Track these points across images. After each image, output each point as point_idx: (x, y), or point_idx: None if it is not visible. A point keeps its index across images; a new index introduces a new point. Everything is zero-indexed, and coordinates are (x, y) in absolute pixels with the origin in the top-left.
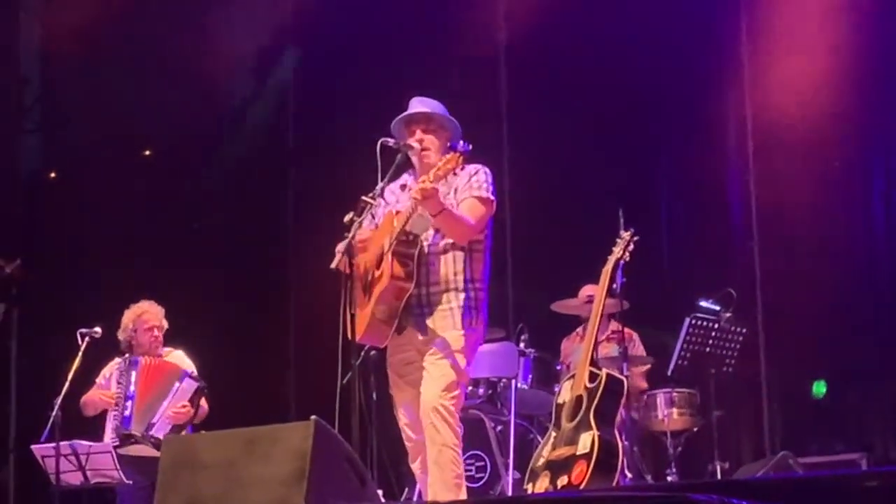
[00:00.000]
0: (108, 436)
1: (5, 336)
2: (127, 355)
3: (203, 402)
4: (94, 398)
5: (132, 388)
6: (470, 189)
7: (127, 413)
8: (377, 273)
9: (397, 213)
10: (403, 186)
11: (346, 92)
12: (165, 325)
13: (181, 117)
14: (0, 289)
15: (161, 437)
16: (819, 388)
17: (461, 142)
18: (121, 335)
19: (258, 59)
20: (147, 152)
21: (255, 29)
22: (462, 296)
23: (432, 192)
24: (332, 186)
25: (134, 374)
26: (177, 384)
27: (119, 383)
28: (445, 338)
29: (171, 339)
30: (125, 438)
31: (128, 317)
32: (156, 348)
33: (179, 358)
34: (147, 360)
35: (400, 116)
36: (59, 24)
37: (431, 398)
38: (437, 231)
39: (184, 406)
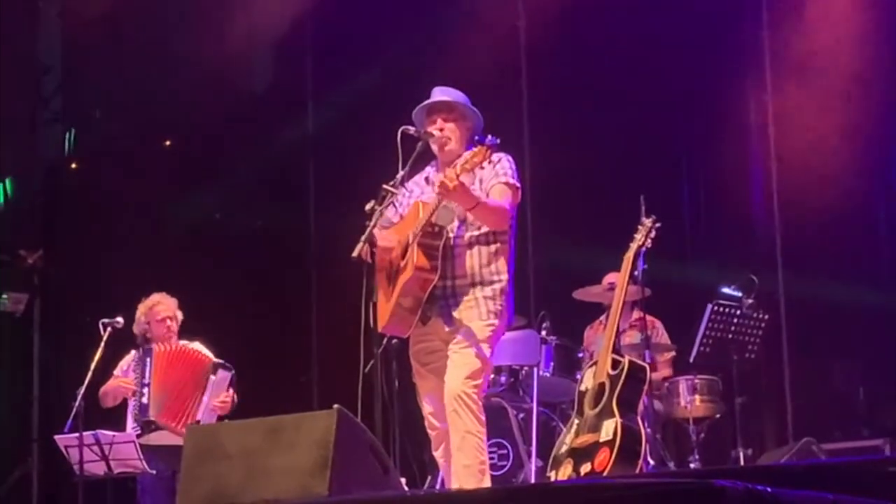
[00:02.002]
0: (130, 426)
1: (28, 326)
2: (142, 346)
3: (232, 392)
4: (112, 386)
5: (148, 376)
6: (496, 176)
7: (144, 401)
8: (402, 264)
9: (423, 204)
10: (427, 179)
11: (365, 81)
12: (180, 316)
13: (201, 107)
14: (22, 279)
15: None
16: None
17: (489, 136)
18: (135, 329)
19: (277, 47)
20: (167, 142)
21: (274, 17)
22: (488, 288)
23: (461, 188)
24: (352, 175)
25: (149, 361)
26: (212, 377)
27: (135, 372)
28: (471, 327)
29: (191, 328)
30: (145, 426)
31: (140, 310)
32: (170, 339)
33: (197, 348)
34: (161, 346)
35: (421, 105)
36: (80, 12)
37: (455, 386)
38: (461, 223)
39: (226, 396)
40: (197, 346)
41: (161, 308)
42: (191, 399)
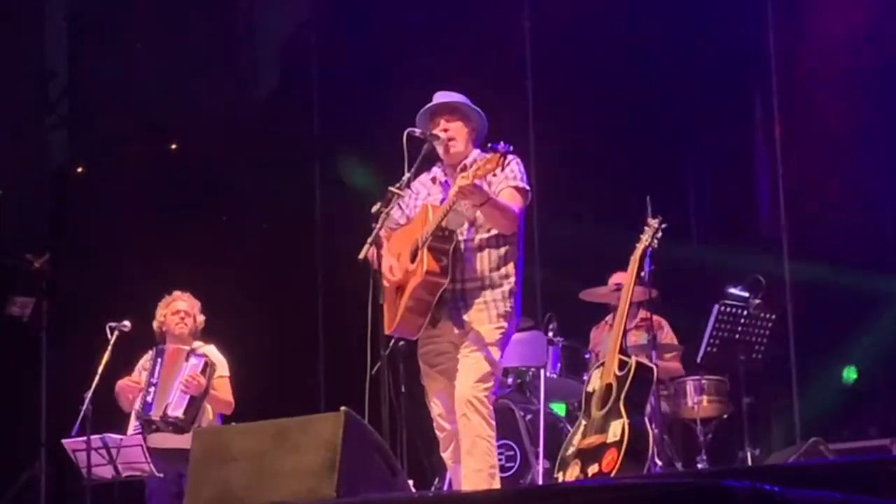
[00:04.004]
0: (132, 424)
1: (35, 330)
2: (158, 346)
3: (227, 394)
4: (123, 385)
5: (157, 375)
6: (506, 180)
7: (149, 399)
8: (411, 267)
9: (433, 207)
10: (434, 179)
11: (371, 83)
12: (200, 317)
13: (208, 110)
14: (29, 283)
15: (180, 414)
16: (850, 374)
17: (501, 143)
18: (154, 324)
19: (284, 50)
20: (174, 146)
21: (281, 19)
22: (498, 291)
23: (474, 188)
24: (358, 177)
25: (160, 361)
26: (184, 364)
27: (145, 370)
28: (480, 331)
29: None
30: (146, 425)
31: (160, 305)
32: (182, 333)
33: (210, 352)
34: (171, 347)
35: (425, 108)
36: (85, 17)
37: (465, 390)
38: (471, 226)
39: (194, 375)
40: (211, 349)
41: (180, 303)
42: (172, 388)
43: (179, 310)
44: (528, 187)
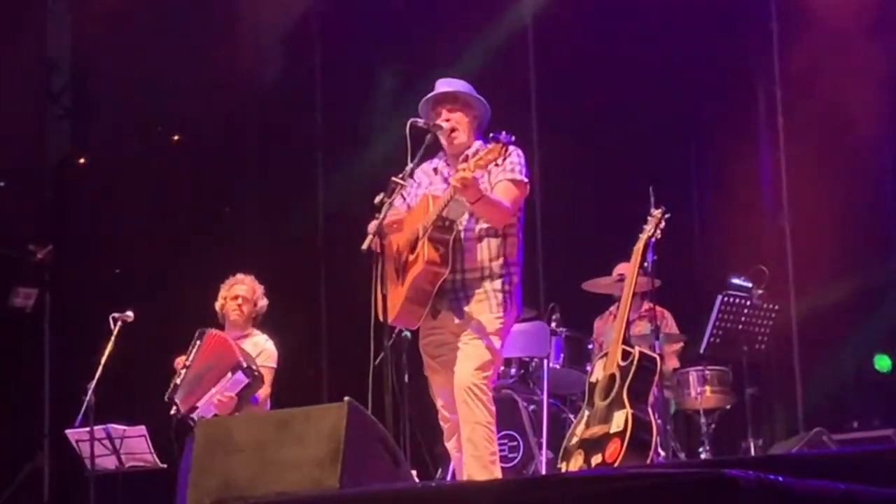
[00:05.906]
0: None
1: (38, 321)
2: (200, 329)
3: (261, 391)
4: (176, 364)
5: (191, 358)
6: (503, 171)
7: (178, 381)
8: (411, 257)
9: (434, 197)
10: (436, 170)
11: (374, 73)
12: (262, 302)
13: (210, 102)
14: (32, 274)
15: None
16: (883, 363)
17: (503, 133)
18: (216, 305)
19: (285, 40)
20: (176, 137)
21: (282, 9)
22: (498, 282)
23: (472, 182)
24: (361, 168)
25: (198, 344)
26: (230, 374)
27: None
28: (481, 320)
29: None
30: (177, 407)
31: (223, 287)
32: (237, 319)
33: (255, 343)
34: (213, 332)
35: (426, 97)
36: (89, 8)
37: (464, 377)
38: (471, 216)
39: (230, 397)
40: (259, 340)
41: (239, 287)
42: (205, 386)
43: (238, 295)
44: (526, 179)
